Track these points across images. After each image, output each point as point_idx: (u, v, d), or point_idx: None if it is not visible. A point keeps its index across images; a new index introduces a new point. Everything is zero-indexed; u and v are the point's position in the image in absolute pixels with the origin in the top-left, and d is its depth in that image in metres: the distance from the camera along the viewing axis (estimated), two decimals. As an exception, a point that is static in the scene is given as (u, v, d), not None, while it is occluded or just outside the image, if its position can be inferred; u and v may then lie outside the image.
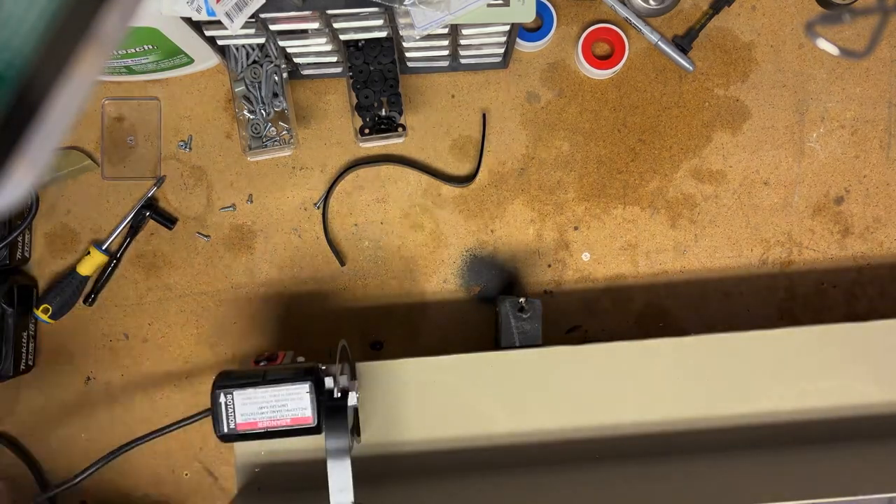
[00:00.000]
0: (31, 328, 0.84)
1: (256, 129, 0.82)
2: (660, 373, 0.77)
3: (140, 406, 0.86)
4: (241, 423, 0.67)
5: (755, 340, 0.77)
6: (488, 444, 0.76)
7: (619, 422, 0.77)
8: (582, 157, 0.87)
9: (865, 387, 0.77)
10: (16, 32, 0.20)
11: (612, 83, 0.88)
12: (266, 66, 0.80)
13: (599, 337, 0.86)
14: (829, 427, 0.77)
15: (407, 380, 0.76)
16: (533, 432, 0.76)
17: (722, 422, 0.77)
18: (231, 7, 0.64)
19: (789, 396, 0.77)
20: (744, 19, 0.88)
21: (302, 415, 0.67)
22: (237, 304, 0.86)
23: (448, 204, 0.87)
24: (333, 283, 0.87)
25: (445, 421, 0.76)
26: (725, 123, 0.88)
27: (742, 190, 0.88)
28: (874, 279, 0.88)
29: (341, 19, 0.71)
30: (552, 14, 0.85)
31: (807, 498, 0.67)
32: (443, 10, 0.65)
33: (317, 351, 0.86)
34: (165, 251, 0.86)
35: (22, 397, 0.85)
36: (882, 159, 0.88)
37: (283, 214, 0.87)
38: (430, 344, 0.86)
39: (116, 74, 0.83)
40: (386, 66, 0.79)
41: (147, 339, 0.86)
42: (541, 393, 0.76)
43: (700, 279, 0.87)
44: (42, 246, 0.86)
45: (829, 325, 0.77)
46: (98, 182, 0.86)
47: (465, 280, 0.87)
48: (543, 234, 0.87)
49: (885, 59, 0.88)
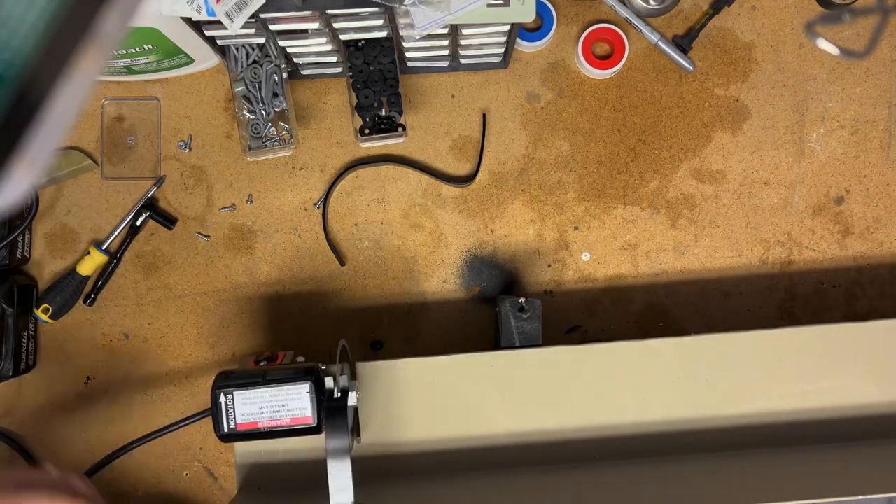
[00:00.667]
0: (31, 328, 0.84)
1: (256, 129, 0.82)
2: (660, 373, 0.77)
3: (140, 406, 0.86)
4: (241, 424, 0.67)
5: (755, 340, 0.77)
6: (488, 444, 0.76)
7: (619, 422, 0.77)
8: (582, 157, 0.87)
9: (865, 387, 0.77)
10: (16, 32, 0.20)
11: (612, 83, 0.88)
12: (266, 66, 0.80)
13: (599, 337, 0.86)
14: (829, 427, 0.77)
15: (407, 380, 0.76)
16: (533, 432, 0.76)
17: (722, 422, 0.77)
18: (231, 7, 0.65)
19: (789, 396, 0.77)
20: (744, 19, 0.88)
21: (302, 415, 0.67)
22: (237, 304, 0.86)
23: (448, 204, 0.87)
24: (333, 283, 0.87)
25: (445, 421, 0.76)
26: (725, 123, 0.88)
27: (742, 190, 0.88)
28: (874, 279, 0.88)
29: (341, 19, 0.71)
30: (552, 14, 0.85)
31: (807, 498, 0.67)
32: (443, 10, 0.65)
33: (317, 351, 0.86)
34: (165, 251, 0.86)
35: (22, 397, 0.85)
36: (882, 159, 0.88)
37: (283, 214, 0.87)
38: (430, 344, 0.86)
39: (116, 74, 0.83)
40: (386, 66, 0.79)
41: (147, 339, 0.86)
42: (541, 393, 0.76)
43: (700, 279, 0.87)
44: (42, 246, 0.86)
45: (829, 325, 0.77)
46: (98, 182, 0.86)
47: (465, 280, 0.87)
48: (543, 234, 0.87)
49: (885, 59, 0.88)
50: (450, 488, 0.73)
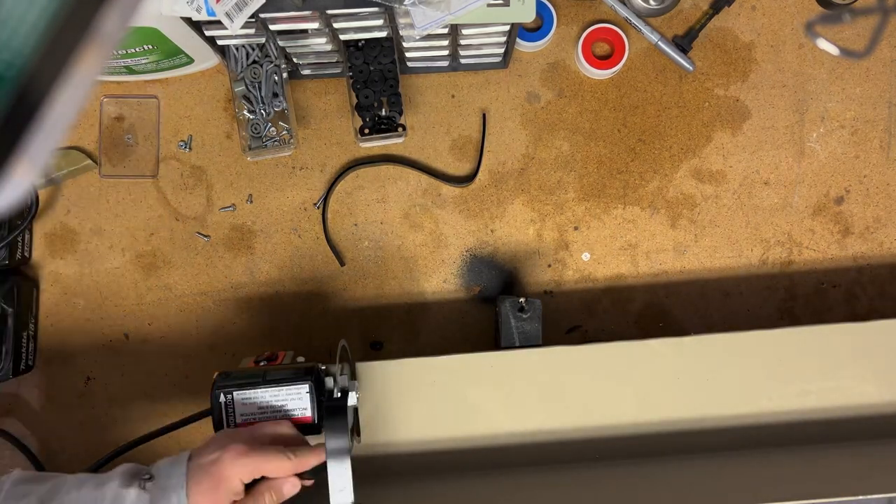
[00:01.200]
0: (31, 328, 0.84)
1: (256, 129, 0.82)
2: (660, 373, 0.76)
3: (140, 406, 0.86)
4: (241, 424, 0.67)
5: (755, 340, 0.77)
6: (488, 444, 0.76)
7: (619, 422, 0.77)
8: (582, 157, 0.87)
9: (865, 387, 0.77)
10: (16, 32, 0.20)
11: (612, 83, 0.88)
12: (266, 66, 0.80)
13: (599, 337, 0.86)
14: (829, 427, 0.77)
15: (407, 380, 0.76)
16: (533, 432, 0.76)
17: (722, 422, 0.77)
18: (231, 7, 0.65)
19: (789, 396, 0.77)
20: (744, 19, 0.88)
21: (302, 415, 0.67)
22: (237, 304, 0.86)
23: (448, 204, 0.87)
24: (333, 283, 0.87)
25: (445, 421, 0.76)
26: (725, 123, 0.88)
27: (742, 190, 0.88)
28: (874, 279, 0.88)
29: (341, 19, 0.71)
30: (552, 14, 0.85)
31: (807, 498, 0.67)
32: (443, 10, 0.65)
33: (317, 351, 0.86)
34: (165, 251, 0.86)
35: (22, 397, 0.85)
36: (882, 159, 0.88)
37: (283, 214, 0.87)
38: (430, 344, 0.86)
39: (116, 74, 0.83)
40: (386, 66, 0.79)
41: (147, 339, 0.86)
42: (541, 393, 0.76)
43: (700, 279, 0.87)
44: (42, 246, 0.86)
45: (829, 325, 0.77)
46: (98, 182, 0.86)
47: (465, 280, 0.87)
48: (543, 234, 0.87)
49: (885, 59, 0.88)
50: (450, 488, 0.73)
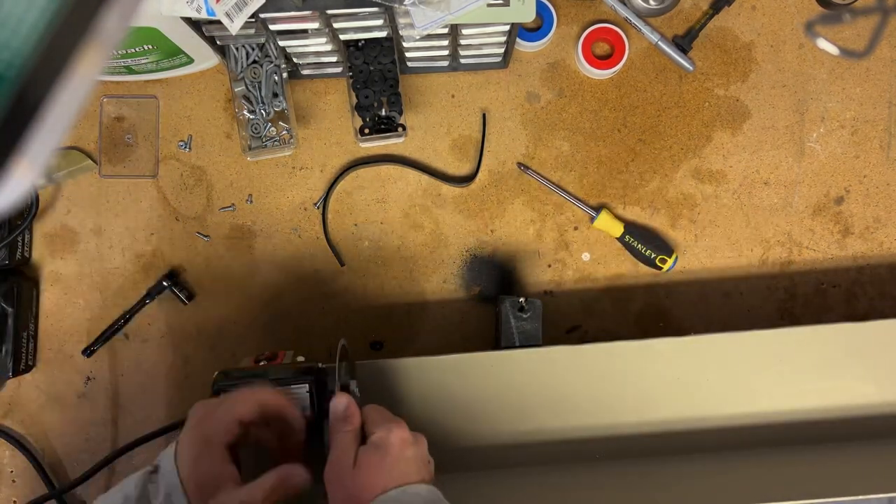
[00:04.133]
0: (31, 328, 0.84)
1: (256, 129, 0.82)
2: (660, 373, 0.77)
3: (140, 406, 0.86)
4: (241, 423, 0.67)
5: (755, 340, 0.77)
6: (488, 444, 0.76)
7: (619, 422, 0.77)
8: (582, 157, 0.87)
9: (865, 387, 0.77)
10: (16, 32, 0.20)
11: (612, 83, 0.88)
12: (266, 66, 0.80)
13: (599, 337, 0.86)
14: (829, 427, 0.77)
15: (407, 380, 0.76)
16: (533, 432, 0.76)
17: (722, 422, 0.77)
18: (231, 7, 0.65)
19: (789, 396, 0.77)
20: (744, 19, 0.88)
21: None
22: (238, 305, 0.86)
23: (448, 204, 0.87)
24: (333, 283, 0.87)
25: (445, 421, 0.76)
26: (725, 123, 0.88)
27: (742, 190, 0.88)
28: (874, 279, 0.88)
29: (341, 19, 0.71)
30: (552, 14, 0.85)
31: (807, 498, 0.67)
32: (443, 10, 0.65)
33: (317, 351, 0.86)
34: (165, 251, 0.86)
35: (22, 397, 0.85)
36: (882, 159, 0.88)
37: (283, 214, 0.87)
38: (430, 344, 0.86)
39: (116, 74, 0.83)
40: (386, 66, 0.79)
41: (147, 339, 0.86)
42: (541, 393, 0.76)
43: (700, 279, 0.87)
44: (42, 246, 0.86)
45: (829, 325, 0.77)
46: (98, 182, 0.86)
47: (465, 280, 0.87)
48: (543, 234, 0.87)
49: (885, 59, 0.88)
50: (449, 488, 0.73)
